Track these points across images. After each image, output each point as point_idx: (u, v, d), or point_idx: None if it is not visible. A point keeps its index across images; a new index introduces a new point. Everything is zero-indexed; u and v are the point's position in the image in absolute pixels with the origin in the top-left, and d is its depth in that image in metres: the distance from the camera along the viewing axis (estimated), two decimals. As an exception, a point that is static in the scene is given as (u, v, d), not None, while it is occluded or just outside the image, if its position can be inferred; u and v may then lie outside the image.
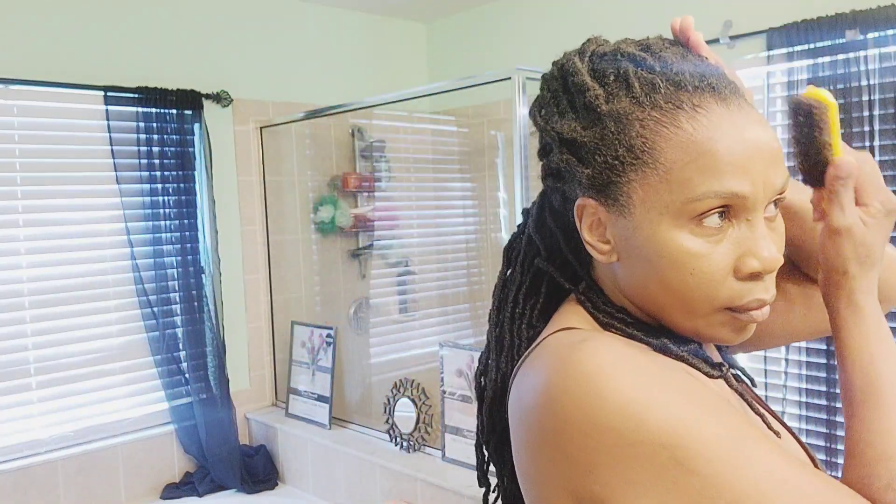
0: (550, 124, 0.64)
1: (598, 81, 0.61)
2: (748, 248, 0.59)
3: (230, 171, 2.90)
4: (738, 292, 0.59)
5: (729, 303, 0.59)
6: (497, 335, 0.73)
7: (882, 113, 2.08)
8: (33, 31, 2.40)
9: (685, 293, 0.59)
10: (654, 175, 0.58)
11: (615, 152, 0.59)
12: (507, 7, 3.18)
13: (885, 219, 0.63)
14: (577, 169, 0.62)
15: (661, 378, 0.56)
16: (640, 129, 0.58)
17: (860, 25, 2.05)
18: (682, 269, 0.58)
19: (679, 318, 0.62)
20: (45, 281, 2.45)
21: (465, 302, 3.47)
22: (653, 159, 0.58)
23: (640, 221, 0.59)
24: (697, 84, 0.59)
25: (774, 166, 0.59)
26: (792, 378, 2.31)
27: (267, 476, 2.78)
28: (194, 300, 2.69)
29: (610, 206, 0.61)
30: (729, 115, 0.58)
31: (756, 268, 0.58)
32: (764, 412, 0.66)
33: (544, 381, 0.57)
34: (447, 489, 2.17)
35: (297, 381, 2.88)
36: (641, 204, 0.59)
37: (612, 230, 0.62)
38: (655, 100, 0.58)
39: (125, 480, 2.60)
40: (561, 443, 0.55)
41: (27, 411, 2.42)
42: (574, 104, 0.62)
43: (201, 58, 2.79)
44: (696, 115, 0.58)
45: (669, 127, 0.58)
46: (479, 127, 3.32)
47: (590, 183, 0.61)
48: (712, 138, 0.57)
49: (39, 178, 2.44)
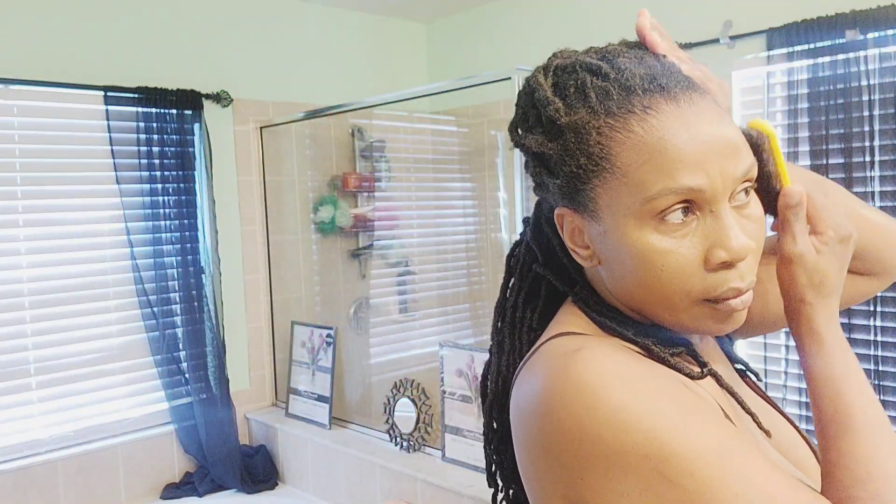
0: (522, 139, 0.67)
1: (558, 95, 0.63)
2: (715, 238, 0.59)
3: (230, 171, 2.90)
4: (712, 283, 0.60)
5: (704, 294, 0.60)
6: (498, 340, 0.76)
7: (882, 113, 2.08)
8: (33, 32, 2.40)
9: (661, 289, 0.61)
10: (613, 179, 0.60)
11: (577, 161, 0.61)
12: (507, 7, 3.18)
13: (839, 246, 0.64)
14: (548, 180, 0.65)
15: (651, 389, 0.57)
16: (598, 137, 0.60)
17: (860, 25, 2.05)
18: (653, 266, 0.60)
19: (663, 314, 0.63)
20: (45, 281, 2.45)
21: (465, 302, 3.47)
22: (610, 164, 0.60)
23: (609, 225, 0.62)
24: (647, 86, 0.60)
25: (731, 157, 0.59)
26: (792, 378, 2.31)
27: (267, 476, 2.78)
28: (194, 300, 2.69)
29: (582, 213, 0.64)
30: (679, 113, 0.59)
31: (724, 258, 0.59)
32: (754, 412, 0.67)
33: (540, 388, 0.60)
34: (447, 489, 2.17)
35: (297, 381, 2.88)
36: (607, 208, 0.61)
37: (588, 235, 0.65)
38: (609, 107, 0.60)
39: (125, 480, 2.60)
40: (556, 449, 0.57)
41: (27, 411, 2.42)
42: (540, 118, 0.64)
43: (201, 58, 2.80)
44: (646, 118, 0.59)
45: (622, 132, 0.59)
46: (479, 127, 3.32)
47: (560, 193, 0.64)
48: (663, 138, 0.58)
49: (39, 178, 2.44)
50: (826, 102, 2.15)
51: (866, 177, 2.11)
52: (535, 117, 0.65)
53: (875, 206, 2.11)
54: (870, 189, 2.12)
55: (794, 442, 0.72)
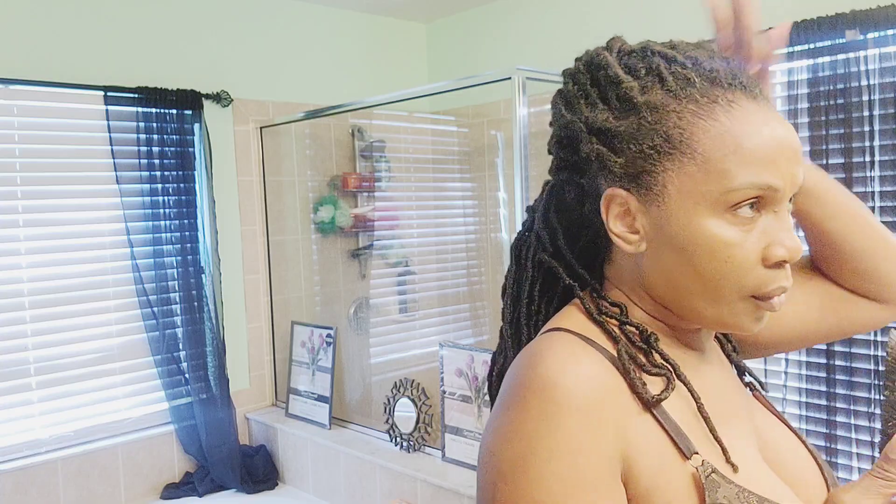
0: (579, 116, 0.65)
1: (630, 75, 0.63)
2: (775, 237, 0.61)
3: (230, 171, 2.90)
4: (764, 280, 0.61)
5: (755, 290, 0.61)
6: (513, 332, 0.74)
7: (882, 113, 2.08)
8: (33, 31, 2.40)
9: (717, 280, 0.61)
10: (691, 164, 0.60)
11: (651, 141, 0.61)
12: (507, 7, 3.18)
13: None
14: (608, 159, 0.63)
15: (543, 471, 0.57)
16: (678, 120, 0.61)
17: (860, 25, 2.05)
18: (717, 256, 0.60)
19: (704, 306, 0.63)
20: (45, 281, 2.45)
21: (465, 302, 3.47)
22: (691, 149, 0.60)
23: (675, 210, 0.61)
24: (731, 81, 0.62)
25: (797, 162, 0.62)
26: (792, 378, 2.31)
27: (267, 476, 2.78)
28: (194, 300, 2.69)
29: (642, 196, 0.63)
30: (760, 112, 0.61)
31: (783, 256, 0.60)
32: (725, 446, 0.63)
33: (503, 389, 0.62)
34: (447, 489, 2.17)
35: (297, 381, 2.88)
36: (678, 193, 0.61)
37: (643, 220, 0.63)
38: (691, 93, 0.61)
39: (125, 480, 2.60)
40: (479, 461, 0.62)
41: (27, 411, 2.42)
42: (605, 96, 0.64)
43: (201, 58, 2.80)
44: (731, 110, 0.60)
45: (707, 119, 0.60)
46: (479, 127, 3.32)
47: (622, 172, 0.63)
48: (749, 133, 0.60)
49: (39, 178, 2.44)
50: (826, 102, 2.15)
51: (866, 177, 2.11)
52: (598, 95, 0.65)
53: (875, 206, 2.11)
54: (870, 189, 2.12)
55: (796, 453, 0.71)
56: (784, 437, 0.72)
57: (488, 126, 3.28)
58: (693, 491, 0.59)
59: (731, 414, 0.68)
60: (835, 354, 2.19)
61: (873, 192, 2.11)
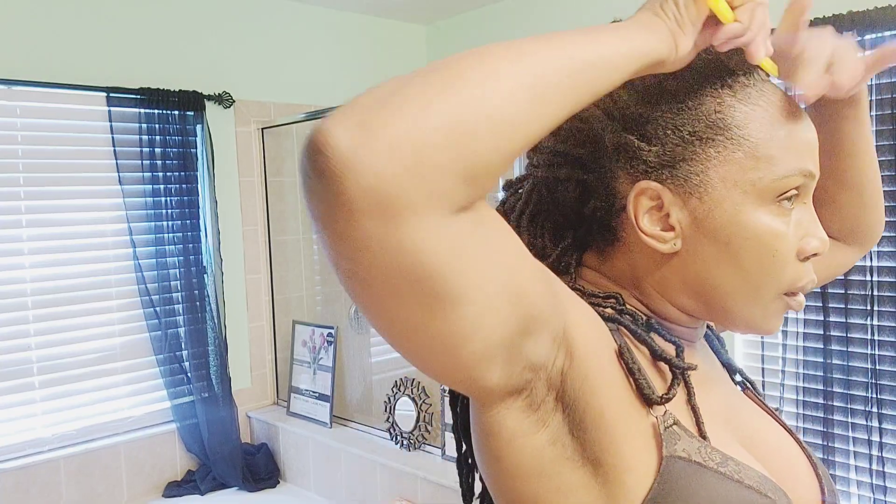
0: (596, 104, 0.59)
1: None
2: (808, 228, 0.59)
3: (232, 172, 2.91)
4: (799, 274, 0.59)
5: (790, 285, 0.59)
6: None
7: (881, 113, 2.09)
8: (36, 33, 2.41)
9: (759, 277, 0.58)
10: (738, 151, 0.57)
11: (692, 127, 0.57)
12: (508, 9, 3.19)
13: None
14: (640, 148, 0.59)
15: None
16: (718, 105, 0.57)
17: (857, 27, 2.06)
18: (767, 249, 0.57)
19: (739, 306, 0.59)
20: (47, 281, 2.46)
21: (466, 302, 3.47)
22: (737, 135, 0.57)
23: (720, 201, 0.57)
24: (749, 68, 0.59)
25: (817, 153, 0.60)
26: (789, 376, 2.32)
27: (268, 474, 2.79)
28: (196, 300, 2.70)
29: (678, 187, 0.58)
30: (790, 102, 0.59)
31: (818, 248, 0.59)
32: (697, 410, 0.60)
33: None
34: (447, 487, 2.18)
35: (299, 380, 2.89)
36: (722, 182, 0.57)
37: (679, 214, 0.58)
38: (724, 79, 0.58)
39: (127, 479, 2.61)
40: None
41: (30, 410, 2.44)
42: (632, 84, 0.58)
43: (203, 59, 2.81)
44: (764, 94, 0.58)
45: (746, 104, 0.57)
46: (480, 127, 3.33)
47: (657, 161, 0.58)
48: (786, 119, 0.58)
49: (42, 178, 2.45)
50: (823, 103, 2.15)
51: (863, 177, 2.12)
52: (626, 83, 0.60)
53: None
54: (867, 189, 2.13)
55: (788, 450, 0.68)
56: (776, 434, 0.69)
57: (488, 127, 3.28)
58: (652, 442, 0.54)
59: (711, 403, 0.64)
60: (832, 353, 2.20)
61: (870, 193, 2.12)
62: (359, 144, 0.40)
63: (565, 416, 0.53)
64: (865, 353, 2.15)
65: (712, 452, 0.55)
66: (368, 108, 0.41)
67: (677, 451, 0.54)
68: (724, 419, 0.63)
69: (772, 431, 0.69)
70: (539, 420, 0.53)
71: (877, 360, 2.14)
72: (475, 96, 0.43)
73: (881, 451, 2.14)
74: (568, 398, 0.53)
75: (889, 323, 2.12)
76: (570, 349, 0.52)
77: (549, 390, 0.52)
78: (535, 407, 0.52)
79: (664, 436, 0.54)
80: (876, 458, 2.15)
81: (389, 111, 0.41)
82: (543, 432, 0.53)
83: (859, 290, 2.15)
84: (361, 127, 0.40)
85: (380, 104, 0.41)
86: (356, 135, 0.40)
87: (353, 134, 0.40)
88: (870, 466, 2.16)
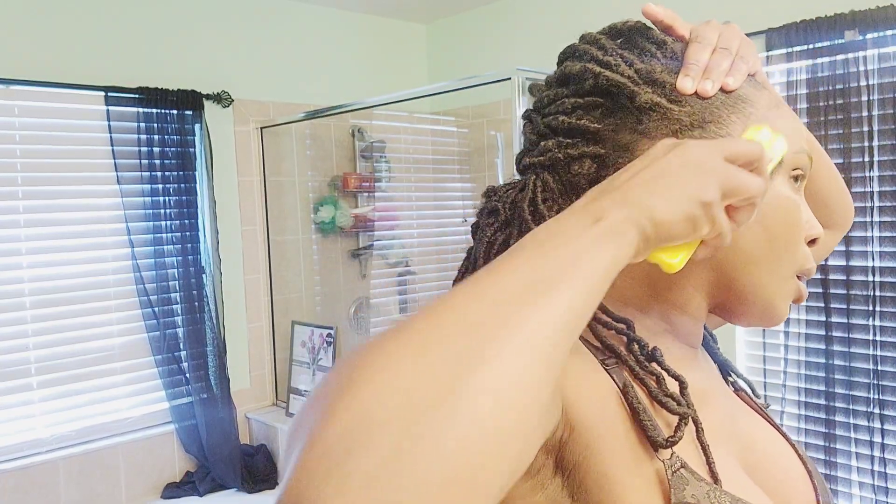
0: (620, 71, 0.57)
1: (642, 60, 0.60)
2: (808, 215, 0.59)
3: (231, 172, 2.90)
4: (806, 255, 0.58)
5: (802, 266, 0.58)
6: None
7: (881, 113, 2.08)
8: (34, 32, 2.40)
9: (785, 243, 0.56)
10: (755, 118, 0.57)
11: (714, 97, 0.57)
12: (507, 7, 3.18)
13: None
14: (670, 109, 0.56)
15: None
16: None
17: (859, 26, 2.05)
18: (791, 218, 0.56)
19: (763, 276, 0.57)
20: (46, 281, 2.45)
21: (465, 302, 3.46)
22: (751, 109, 0.57)
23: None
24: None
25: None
26: (791, 377, 2.32)
27: (267, 475, 2.78)
28: (195, 300, 2.70)
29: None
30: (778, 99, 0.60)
31: (820, 233, 0.59)
32: (720, 479, 0.55)
33: None
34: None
35: (298, 381, 2.88)
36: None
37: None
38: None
39: (126, 480, 2.60)
40: None
41: (28, 411, 2.43)
42: (652, 53, 0.59)
43: (202, 58, 2.80)
44: (758, 84, 0.60)
45: (751, 86, 0.59)
46: (479, 127, 3.33)
47: (689, 121, 0.56)
48: (784, 108, 0.58)
49: (40, 178, 2.44)
50: (825, 103, 2.15)
51: (865, 177, 2.12)
52: (639, 53, 0.61)
53: (875, 206, 2.12)
54: (869, 189, 2.12)
55: (782, 456, 0.66)
56: (770, 439, 0.67)
57: (488, 126, 3.28)
58: (658, 489, 0.51)
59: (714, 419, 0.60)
60: (834, 354, 2.20)
61: (873, 193, 2.12)
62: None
63: (565, 480, 0.51)
64: (867, 353, 2.14)
65: (722, 496, 0.52)
66: (337, 453, 0.31)
67: (686, 498, 0.51)
68: (726, 435, 0.61)
69: (768, 439, 0.67)
70: (538, 483, 0.51)
71: (879, 360, 2.13)
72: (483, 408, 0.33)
73: (883, 452, 2.13)
74: (567, 463, 0.51)
75: (891, 323, 2.12)
76: (570, 423, 0.50)
77: (547, 457, 0.51)
78: (534, 473, 0.51)
79: (671, 482, 0.51)
80: (878, 459, 2.14)
81: (367, 460, 0.30)
82: (541, 494, 0.51)
83: (861, 290, 2.15)
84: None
85: (347, 452, 0.31)
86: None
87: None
88: (871, 467, 2.15)
